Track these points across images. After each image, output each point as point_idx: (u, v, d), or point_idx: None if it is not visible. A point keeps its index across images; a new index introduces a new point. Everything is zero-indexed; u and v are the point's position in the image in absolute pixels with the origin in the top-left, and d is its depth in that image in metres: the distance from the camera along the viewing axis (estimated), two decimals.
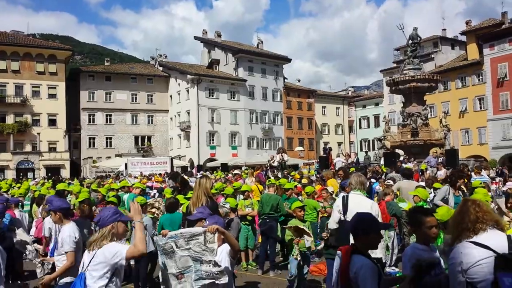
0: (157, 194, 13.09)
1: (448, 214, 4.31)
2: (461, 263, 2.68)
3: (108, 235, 3.33)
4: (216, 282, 3.52)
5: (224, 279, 3.51)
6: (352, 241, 4.94)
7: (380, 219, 5.66)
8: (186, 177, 13.55)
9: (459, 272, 2.69)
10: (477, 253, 2.64)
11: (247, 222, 8.93)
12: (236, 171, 20.00)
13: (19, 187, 15.23)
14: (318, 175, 16.36)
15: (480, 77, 44.77)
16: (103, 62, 60.70)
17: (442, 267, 3.22)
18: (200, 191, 5.72)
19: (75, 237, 4.50)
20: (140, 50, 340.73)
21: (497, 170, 22.53)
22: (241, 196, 9.54)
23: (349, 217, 5.25)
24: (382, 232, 3.70)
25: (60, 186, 10.10)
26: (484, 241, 2.68)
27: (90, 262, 3.26)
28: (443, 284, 2.89)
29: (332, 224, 5.63)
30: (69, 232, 4.49)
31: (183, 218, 6.47)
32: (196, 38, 60.44)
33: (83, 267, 3.32)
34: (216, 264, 3.51)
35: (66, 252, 4.41)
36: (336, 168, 17.01)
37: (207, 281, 3.55)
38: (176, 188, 10.36)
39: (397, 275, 6.26)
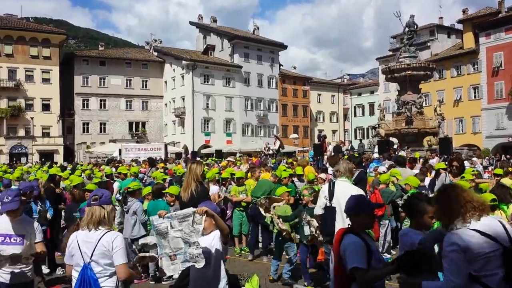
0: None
1: None
2: (465, 249, 2.52)
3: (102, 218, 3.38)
4: (196, 266, 3.54)
5: (201, 263, 3.52)
6: (337, 225, 5.04)
7: None
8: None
9: (461, 261, 2.53)
10: (484, 243, 2.52)
11: (241, 208, 8.94)
12: (230, 158, 19.98)
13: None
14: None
15: (476, 66, 44.78)
16: (97, 46, 60.06)
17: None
18: (190, 177, 5.65)
19: None
20: (134, 35, 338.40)
21: (490, 159, 22.71)
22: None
23: (334, 203, 5.26)
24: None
25: (52, 171, 10.07)
26: (483, 228, 2.58)
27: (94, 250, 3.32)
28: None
29: (318, 210, 5.56)
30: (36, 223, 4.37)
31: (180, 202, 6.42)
32: (191, 23, 59.93)
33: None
34: (198, 245, 3.52)
35: (40, 241, 4.24)
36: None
37: (190, 264, 3.60)
38: None
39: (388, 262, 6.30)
